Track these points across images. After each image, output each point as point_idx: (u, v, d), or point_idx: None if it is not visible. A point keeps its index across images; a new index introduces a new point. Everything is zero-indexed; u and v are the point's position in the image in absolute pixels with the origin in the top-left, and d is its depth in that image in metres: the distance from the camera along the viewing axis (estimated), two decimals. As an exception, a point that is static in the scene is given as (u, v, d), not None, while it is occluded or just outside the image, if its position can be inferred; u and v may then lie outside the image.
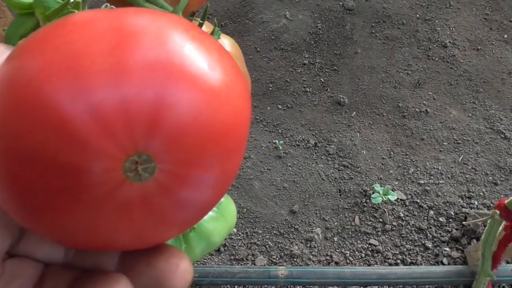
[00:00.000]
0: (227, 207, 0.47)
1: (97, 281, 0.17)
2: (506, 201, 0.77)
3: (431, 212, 1.12)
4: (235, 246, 1.09)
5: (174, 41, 0.14)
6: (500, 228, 0.81)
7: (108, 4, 0.25)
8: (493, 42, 1.42)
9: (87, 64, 0.13)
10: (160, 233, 0.17)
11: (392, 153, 1.22)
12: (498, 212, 0.78)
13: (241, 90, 0.16)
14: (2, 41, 0.26)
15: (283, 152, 1.22)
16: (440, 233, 1.09)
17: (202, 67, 0.15)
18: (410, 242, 1.08)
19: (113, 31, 0.14)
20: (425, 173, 1.19)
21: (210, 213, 0.45)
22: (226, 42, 0.32)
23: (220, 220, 0.44)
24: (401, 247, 1.08)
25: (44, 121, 0.13)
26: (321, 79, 1.36)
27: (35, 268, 0.18)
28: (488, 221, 0.83)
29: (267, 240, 1.09)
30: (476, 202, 1.13)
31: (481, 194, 1.14)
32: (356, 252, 1.07)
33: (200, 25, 0.31)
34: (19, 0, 0.22)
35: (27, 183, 0.14)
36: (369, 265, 1.06)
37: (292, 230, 1.11)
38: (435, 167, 1.19)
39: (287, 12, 1.49)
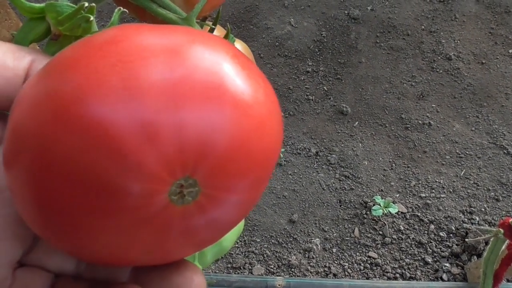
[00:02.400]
0: None
1: None
2: (510, 220, 0.76)
3: (432, 226, 1.11)
4: (232, 254, 1.07)
5: (227, 69, 0.14)
6: (503, 246, 0.80)
7: (121, 8, 0.23)
8: (498, 57, 1.41)
9: (144, 86, 0.13)
10: (187, 251, 0.17)
11: (394, 165, 1.21)
12: (502, 231, 0.77)
13: (280, 116, 0.16)
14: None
15: (284, 160, 1.21)
16: (440, 248, 1.08)
17: (251, 96, 0.15)
18: (410, 256, 1.07)
19: (169, 53, 0.14)
20: (426, 186, 1.17)
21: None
22: (239, 46, 0.32)
23: None
24: (400, 261, 1.06)
25: (94, 140, 0.13)
26: (324, 87, 1.35)
27: (45, 278, 0.18)
28: (491, 239, 0.82)
29: (265, 249, 1.08)
30: (477, 218, 1.12)
31: (483, 209, 1.13)
32: (355, 265, 1.06)
33: (212, 30, 0.30)
34: (30, 5, 0.20)
35: (62, 200, 0.14)
36: (367, 278, 1.04)
37: (291, 239, 1.09)
38: (437, 180, 1.18)
39: (292, 19, 1.48)
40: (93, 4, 0.20)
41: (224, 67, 0.14)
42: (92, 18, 0.20)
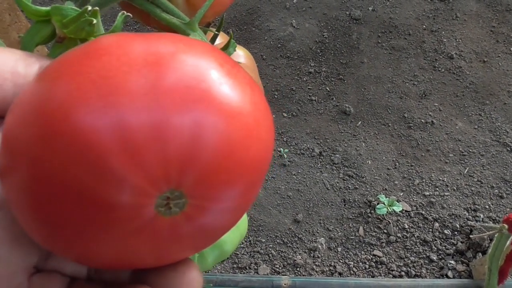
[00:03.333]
0: None
1: None
2: (514, 215, 0.76)
3: (436, 224, 1.11)
4: (238, 254, 1.08)
5: (211, 78, 0.14)
6: (508, 242, 0.80)
7: (125, 12, 0.24)
8: (500, 55, 1.41)
9: (124, 102, 0.13)
10: (180, 255, 0.17)
11: (397, 163, 1.21)
12: (506, 226, 0.78)
13: (269, 124, 0.16)
14: (17, 46, 0.25)
15: (288, 161, 1.22)
16: (445, 246, 1.08)
17: (237, 104, 0.15)
18: (415, 254, 1.07)
19: (151, 65, 0.14)
20: (430, 184, 1.18)
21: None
22: (241, 53, 0.32)
23: (233, 229, 0.44)
24: (405, 259, 1.07)
25: (79, 156, 0.13)
26: (327, 88, 1.36)
27: (61, 282, 0.18)
28: (496, 235, 0.82)
29: (270, 249, 1.08)
30: (481, 215, 1.12)
31: (487, 207, 1.14)
32: (360, 263, 1.07)
33: (215, 36, 0.30)
34: (36, 8, 0.21)
35: (55, 213, 0.14)
36: (373, 276, 1.05)
37: (296, 239, 1.10)
38: (441, 178, 1.19)
39: (294, 21, 1.49)
40: (97, 8, 0.21)
41: (208, 76, 0.14)
42: (95, 21, 0.21)
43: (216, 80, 0.15)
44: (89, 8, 0.21)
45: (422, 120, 1.29)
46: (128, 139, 0.13)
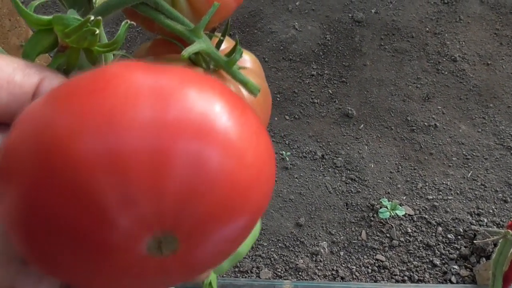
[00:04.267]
0: None
1: None
2: (518, 221, 0.75)
3: (440, 228, 1.11)
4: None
5: (218, 119, 0.14)
6: (512, 248, 0.80)
7: (128, 21, 0.24)
8: (503, 57, 1.41)
9: (124, 137, 0.13)
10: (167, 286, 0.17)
11: (400, 167, 1.21)
12: (510, 232, 0.77)
13: (271, 171, 0.16)
14: (17, 52, 0.25)
15: (290, 164, 1.21)
16: (448, 250, 1.07)
17: (241, 149, 0.14)
18: (418, 258, 1.07)
19: (154, 107, 0.14)
20: (433, 188, 1.17)
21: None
22: (247, 58, 0.31)
23: None
24: (408, 264, 1.06)
25: (75, 193, 0.13)
26: (329, 90, 1.35)
27: None
28: (500, 241, 0.82)
29: (272, 253, 1.08)
30: (485, 219, 1.11)
31: (491, 211, 1.13)
32: (363, 268, 1.06)
33: (221, 41, 0.30)
34: (38, 17, 0.21)
35: (45, 243, 0.14)
36: (375, 281, 1.04)
37: (298, 243, 1.09)
38: (444, 182, 1.18)
39: (296, 23, 1.48)
40: (99, 18, 0.21)
41: (215, 118, 0.14)
42: (97, 31, 0.20)
43: (222, 123, 0.14)
44: (92, 17, 0.20)
45: (425, 123, 1.28)
46: (125, 187, 0.13)
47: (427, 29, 1.47)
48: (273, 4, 1.53)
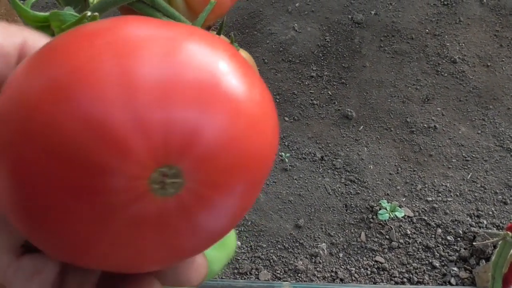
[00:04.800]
0: (228, 235, 0.46)
1: (125, 276, 0.17)
2: (518, 223, 0.75)
3: (439, 230, 1.10)
4: (238, 259, 1.07)
5: (222, 65, 0.14)
6: (512, 250, 0.79)
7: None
8: (503, 59, 1.41)
9: (137, 79, 0.13)
10: (163, 259, 0.16)
11: (399, 168, 1.21)
12: (510, 234, 0.77)
13: (275, 119, 0.16)
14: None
15: (289, 165, 1.21)
16: (448, 252, 1.07)
17: (245, 94, 0.14)
18: (417, 260, 1.06)
19: (165, 46, 0.14)
20: (433, 190, 1.17)
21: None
22: (242, 54, 0.32)
23: (221, 248, 0.43)
24: (407, 266, 1.06)
25: (84, 119, 0.13)
26: (329, 92, 1.35)
27: (54, 263, 0.17)
28: (499, 243, 0.82)
29: (271, 254, 1.08)
30: (485, 221, 1.11)
31: (490, 213, 1.13)
32: (362, 269, 1.06)
33: (217, 39, 0.30)
34: (35, 14, 0.21)
35: (41, 178, 0.13)
36: (374, 283, 1.04)
37: (297, 244, 1.09)
38: (443, 184, 1.18)
39: (296, 24, 1.48)
40: (96, 13, 0.20)
41: (220, 63, 0.14)
42: (94, 26, 0.20)
43: (226, 69, 0.14)
44: (89, 13, 0.20)
45: (425, 125, 1.28)
46: (135, 107, 0.13)
47: (427, 30, 1.47)
48: (272, 6, 1.53)
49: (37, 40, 0.17)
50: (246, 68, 0.15)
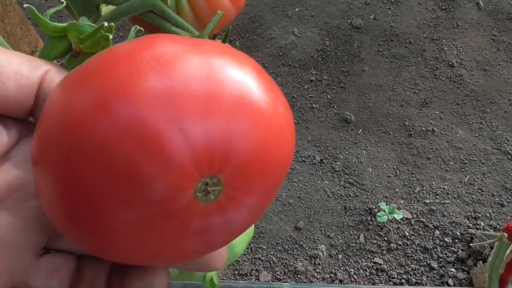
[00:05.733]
0: None
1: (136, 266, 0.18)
2: (514, 224, 0.77)
3: (437, 232, 1.12)
4: (239, 261, 1.08)
5: (253, 81, 0.16)
6: (508, 251, 0.81)
7: (137, 26, 0.25)
8: (500, 63, 1.42)
9: (181, 89, 0.14)
10: (196, 253, 0.17)
11: (398, 171, 1.22)
12: (506, 235, 0.78)
13: (293, 126, 0.17)
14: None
15: (289, 168, 1.22)
16: (445, 254, 1.08)
17: (273, 107, 0.16)
18: (415, 261, 1.08)
19: (203, 61, 0.15)
20: (431, 192, 1.18)
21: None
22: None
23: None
24: (406, 267, 1.07)
25: (131, 131, 0.14)
26: (328, 95, 1.36)
27: (70, 260, 0.19)
28: (496, 244, 0.83)
29: (271, 256, 1.09)
30: (482, 223, 1.12)
31: (488, 215, 1.14)
32: (361, 271, 1.07)
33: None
34: (54, 24, 0.22)
35: (88, 188, 0.14)
36: (373, 284, 1.05)
37: (297, 246, 1.10)
38: (441, 186, 1.19)
39: (295, 29, 1.50)
40: (113, 24, 0.22)
41: (251, 80, 0.16)
42: (111, 36, 0.22)
43: (256, 84, 0.16)
44: (105, 24, 0.22)
45: (423, 128, 1.30)
46: (180, 124, 0.14)
47: (425, 35, 1.49)
48: (272, 10, 1.55)
49: (58, 71, 0.19)
50: (271, 83, 0.17)
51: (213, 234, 0.16)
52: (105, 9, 0.34)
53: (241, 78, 0.15)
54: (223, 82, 0.15)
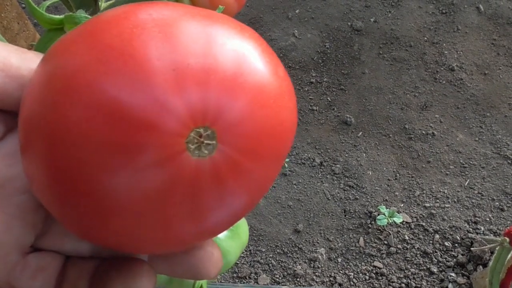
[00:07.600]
0: (241, 225, 0.47)
1: (120, 268, 0.17)
2: (515, 228, 0.76)
3: (437, 236, 1.11)
4: (238, 263, 1.08)
5: (251, 46, 0.15)
6: (509, 256, 0.80)
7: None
8: (501, 67, 1.42)
9: (179, 36, 0.14)
10: (190, 231, 0.16)
11: (398, 174, 1.22)
12: (507, 239, 0.77)
13: (294, 97, 0.17)
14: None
15: (289, 170, 1.22)
16: (445, 258, 1.08)
17: (271, 70, 0.15)
18: (415, 266, 1.07)
19: (202, 18, 0.15)
20: (431, 196, 1.18)
21: (226, 232, 0.44)
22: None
23: (235, 238, 0.44)
24: (405, 271, 1.06)
25: (125, 74, 0.13)
26: (328, 98, 1.36)
27: (57, 260, 0.18)
28: (497, 248, 0.82)
29: (270, 259, 1.08)
30: (482, 228, 1.12)
31: (487, 219, 1.13)
32: (360, 274, 1.06)
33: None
34: (50, 17, 0.22)
35: (83, 135, 0.14)
36: (373, 288, 1.04)
37: (296, 249, 1.10)
38: (441, 190, 1.19)
39: (296, 31, 1.50)
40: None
41: (251, 43, 0.15)
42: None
43: (257, 49, 0.15)
44: (103, 16, 0.21)
45: (423, 132, 1.29)
46: (176, 67, 0.13)
47: (425, 38, 1.49)
48: (273, 12, 1.54)
49: None
50: (270, 49, 0.16)
51: (205, 204, 0.15)
52: (105, 4, 0.33)
53: (242, 40, 0.15)
54: (224, 41, 0.15)
